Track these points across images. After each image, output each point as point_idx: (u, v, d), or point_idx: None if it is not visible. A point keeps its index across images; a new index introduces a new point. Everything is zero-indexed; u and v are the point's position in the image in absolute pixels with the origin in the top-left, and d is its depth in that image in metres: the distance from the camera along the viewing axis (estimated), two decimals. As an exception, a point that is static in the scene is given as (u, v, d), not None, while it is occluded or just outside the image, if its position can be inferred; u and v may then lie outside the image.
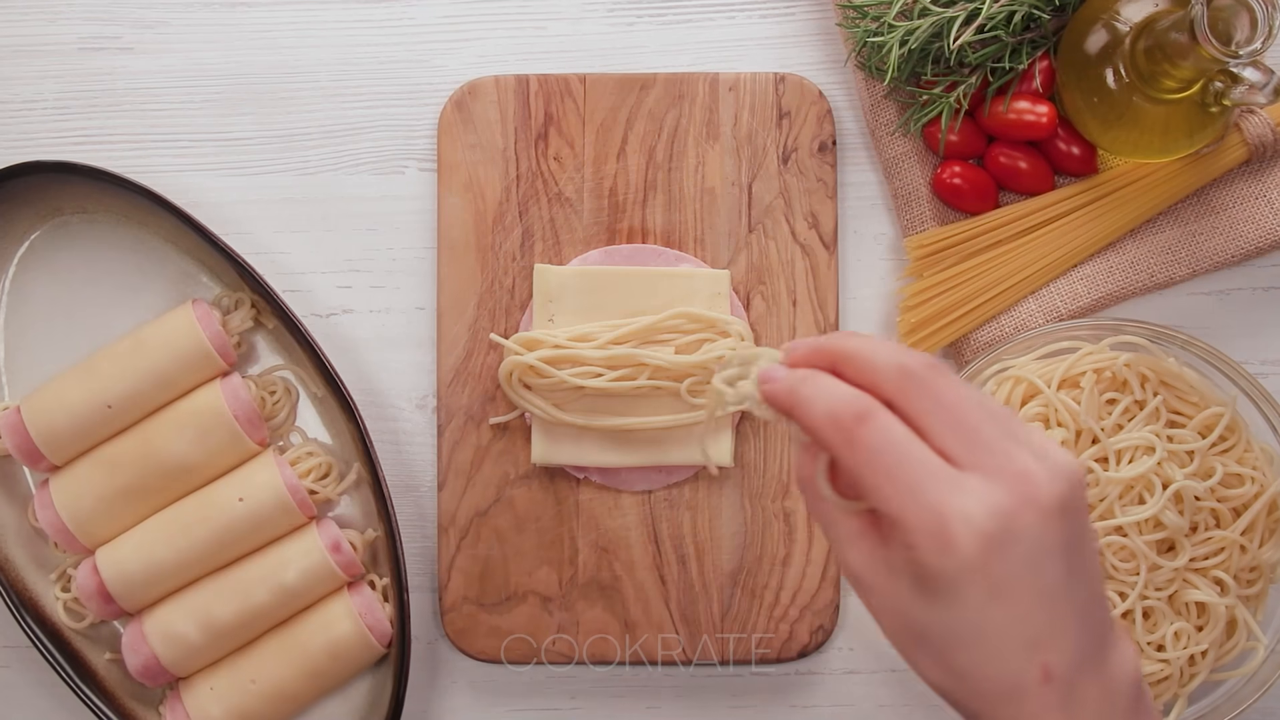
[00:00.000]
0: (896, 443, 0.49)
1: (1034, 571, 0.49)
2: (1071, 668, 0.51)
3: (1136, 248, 0.88)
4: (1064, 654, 0.50)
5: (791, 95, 0.88)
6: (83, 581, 0.85)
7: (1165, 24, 0.78)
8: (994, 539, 0.48)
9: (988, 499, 0.48)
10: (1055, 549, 0.50)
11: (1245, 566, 0.83)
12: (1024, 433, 0.51)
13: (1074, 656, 0.51)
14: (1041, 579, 0.50)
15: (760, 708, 0.90)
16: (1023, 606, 0.50)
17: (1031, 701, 0.50)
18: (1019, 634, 0.50)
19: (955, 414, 0.50)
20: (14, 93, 0.91)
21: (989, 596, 0.49)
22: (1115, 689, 0.52)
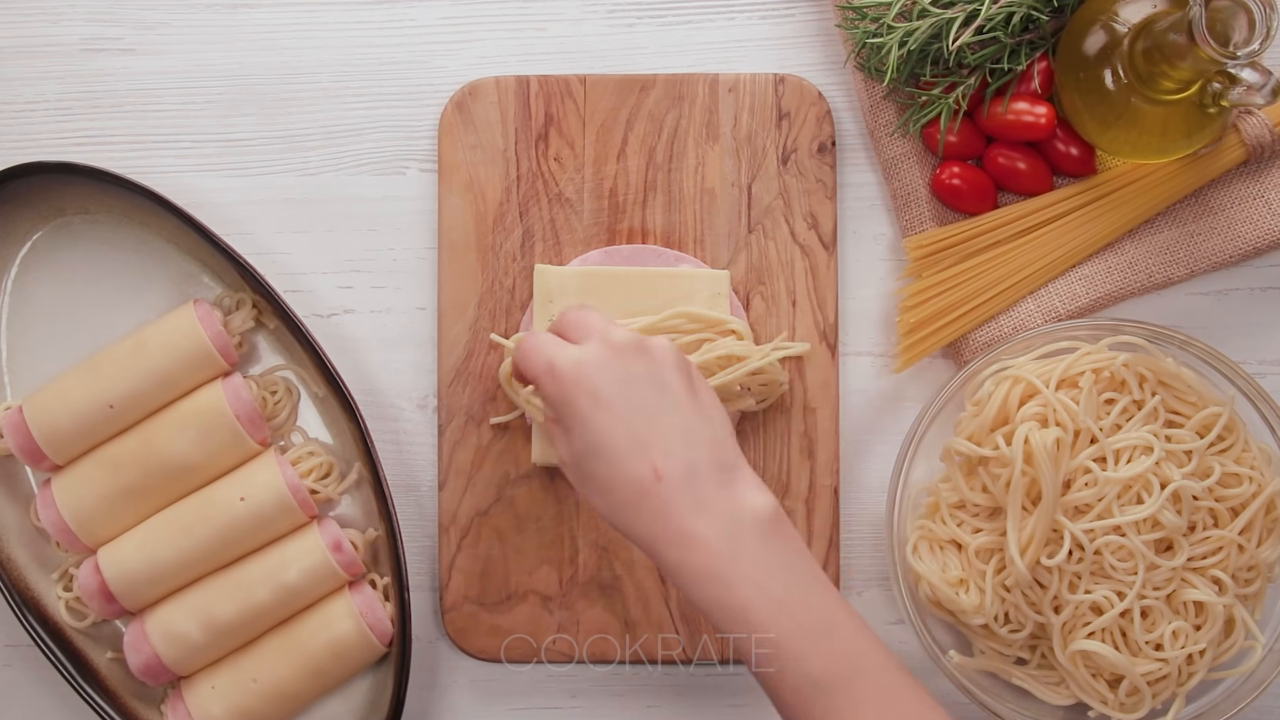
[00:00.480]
0: (531, 337, 0.71)
1: (623, 388, 0.66)
2: (683, 473, 0.65)
3: (1135, 248, 0.88)
4: (673, 460, 0.65)
5: (791, 96, 0.88)
6: (85, 581, 0.86)
7: (1163, 25, 0.78)
8: (583, 362, 0.67)
9: (578, 349, 0.68)
10: (637, 376, 0.66)
11: (1243, 566, 0.83)
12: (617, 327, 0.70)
13: (684, 465, 0.65)
14: (630, 395, 0.66)
15: (759, 706, 0.90)
16: (620, 414, 0.65)
17: (653, 497, 0.64)
18: (625, 438, 0.65)
19: (574, 321, 0.71)
20: (16, 93, 0.91)
21: (593, 405, 0.66)
22: (742, 507, 0.65)
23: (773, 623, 0.64)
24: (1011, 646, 0.85)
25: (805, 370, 0.88)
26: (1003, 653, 0.85)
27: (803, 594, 0.65)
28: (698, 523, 0.65)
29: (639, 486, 0.65)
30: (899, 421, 0.90)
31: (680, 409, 0.67)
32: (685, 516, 0.65)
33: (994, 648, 0.85)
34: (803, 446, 0.88)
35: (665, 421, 0.66)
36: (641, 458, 0.65)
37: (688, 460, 0.65)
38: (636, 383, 0.67)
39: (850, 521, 0.90)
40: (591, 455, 0.66)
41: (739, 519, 0.65)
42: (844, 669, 0.64)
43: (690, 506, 0.65)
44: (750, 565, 0.65)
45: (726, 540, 0.65)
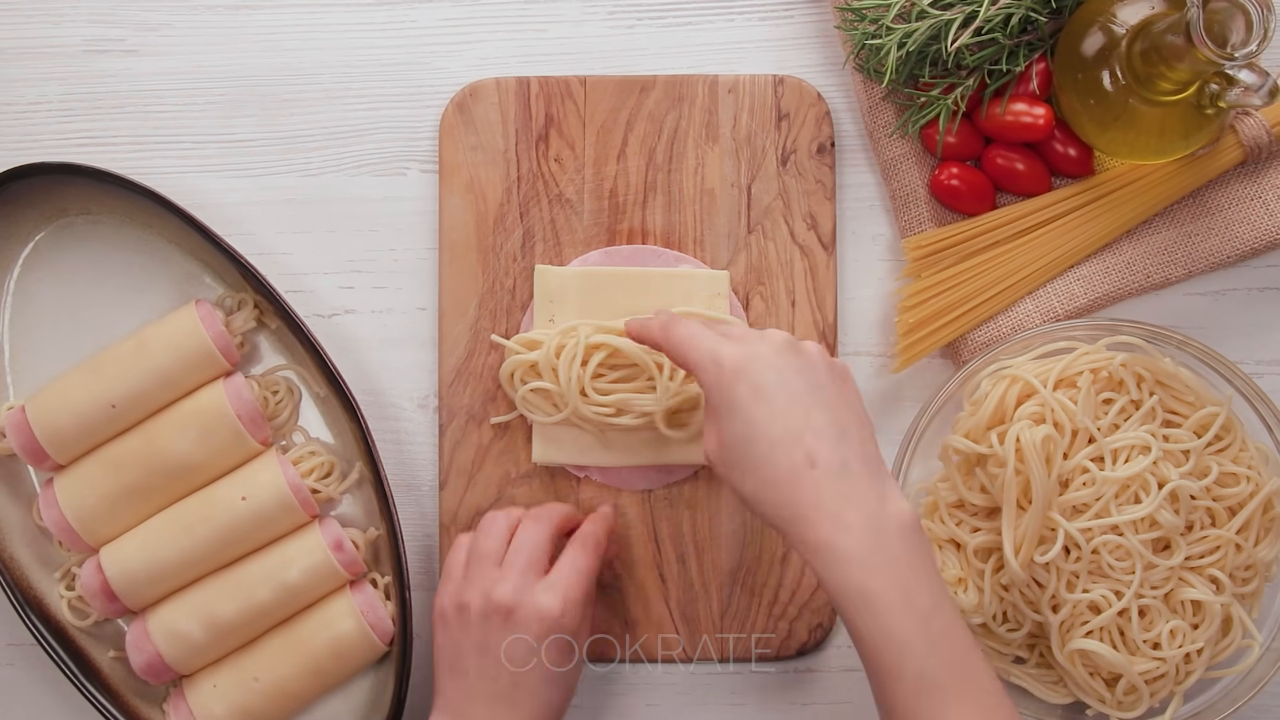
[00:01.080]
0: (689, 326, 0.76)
1: (782, 383, 0.71)
2: (837, 464, 0.69)
3: (1133, 248, 0.89)
4: (824, 447, 0.69)
5: (790, 97, 0.89)
6: (87, 580, 0.86)
7: (1161, 26, 0.78)
8: (745, 357, 0.72)
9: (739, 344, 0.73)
10: (792, 370, 0.71)
11: (1240, 565, 0.84)
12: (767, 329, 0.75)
13: (838, 457, 0.69)
14: (789, 389, 0.71)
15: (760, 705, 0.90)
16: (779, 406, 0.70)
17: (806, 481, 0.69)
18: (783, 427, 0.70)
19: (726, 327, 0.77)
20: (19, 94, 0.91)
21: (753, 396, 0.71)
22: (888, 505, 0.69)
23: (903, 616, 0.67)
24: (1010, 645, 0.85)
25: (804, 370, 0.88)
26: (1001, 651, 0.86)
27: (930, 596, 0.68)
28: (847, 510, 0.68)
29: (793, 470, 0.69)
30: (898, 421, 0.90)
31: (833, 406, 0.71)
32: (836, 501, 0.68)
33: (992, 646, 0.86)
34: (802, 446, 0.88)
35: (820, 415, 0.70)
36: (797, 445, 0.69)
37: (840, 453, 0.70)
38: (794, 379, 0.71)
39: (849, 521, 0.90)
40: (746, 441, 0.70)
41: (885, 514, 0.69)
42: (956, 672, 0.68)
43: (841, 494, 0.69)
44: (889, 559, 0.68)
45: (872, 531, 0.68)
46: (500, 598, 0.77)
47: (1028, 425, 0.81)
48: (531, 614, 0.77)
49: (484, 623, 0.77)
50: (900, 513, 0.70)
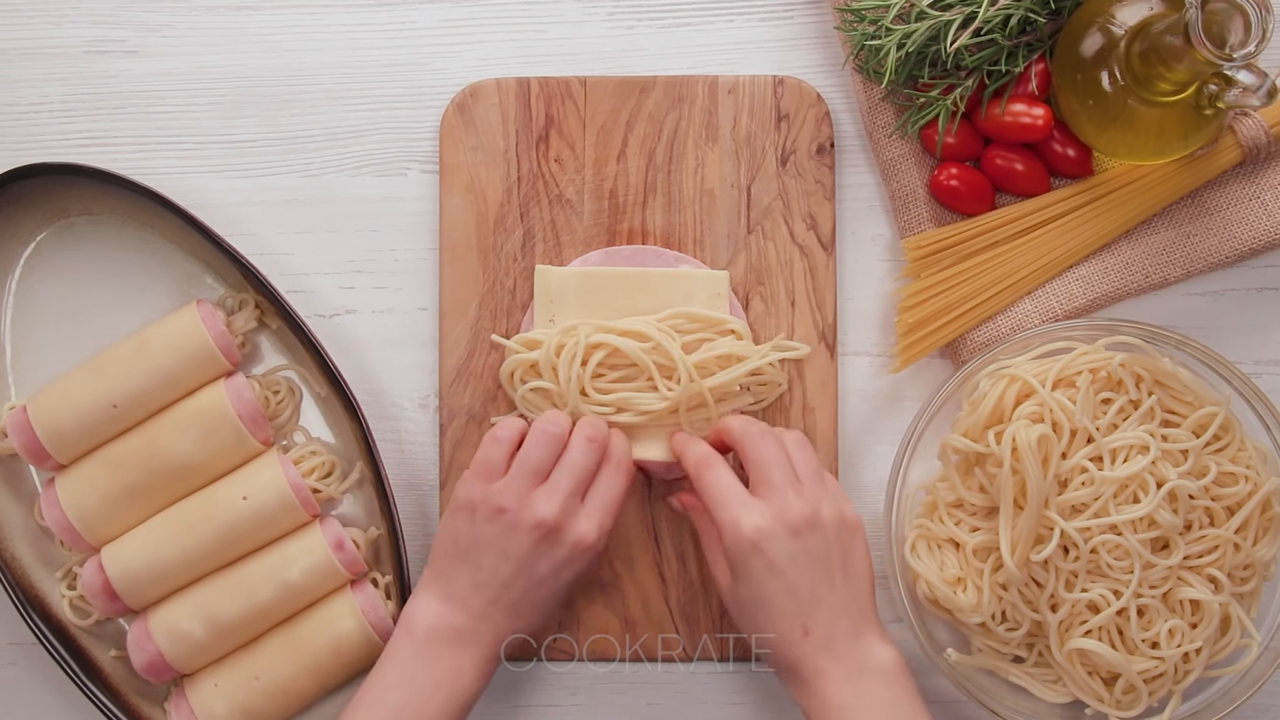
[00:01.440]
0: (720, 480, 0.81)
1: (793, 563, 0.78)
2: (825, 636, 0.78)
3: (1131, 249, 0.89)
4: (819, 622, 0.78)
5: (790, 98, 0.89)
6: (88, 579, 0.86)
7: (1160, 27, 0.78)
8: (763, 531, 0.78)
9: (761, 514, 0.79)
10: (803, 551, 0.78)
11: (1239, 564, 0.84)
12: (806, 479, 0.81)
13: (828, 631, 0.78)
14: (798, 569, 0.78)
15: (759, 704, 0.90)
16: (787, 584, 0.78)
17: (797, 644, 0.78)
18: (786, 604, 0.78)
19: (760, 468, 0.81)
20: (20, 95, 0.91)
21: (766, 571, 0.78)
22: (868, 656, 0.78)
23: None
24: (1009, 645, 0.85)
25: (804, 370, 0.89)
26: (1000, 651, 0.86)
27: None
28: (831, 664, 0.78)
29: (788, 635, 0.78)
30: (897, 421, 0.90)
31: (835, 587, 0.79)
32: (821, 658, 0.78)
33: (991, 646, 0.86)
34: (802, 446, 0.88)
35: (821, 597, 0.78)
36: (795, 619, 0.78)
37: (831, 630, 0.78)
38: (804, 560, 0.78)
39: (849, 520, 0.90)
40: (753, 604, 0.79)
41: (865, 663, 0.78)
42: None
43: (826, 655, 0.78)
44: (866, 699, 0.77)
45: (851, 680, 0.77)
46: (545, 517, 0.79)
47: (1024, 425, 0.81)
48: (570, 538, 0.80)
49: (517, 533, 0.79)
50: (880, 658, 0.78)
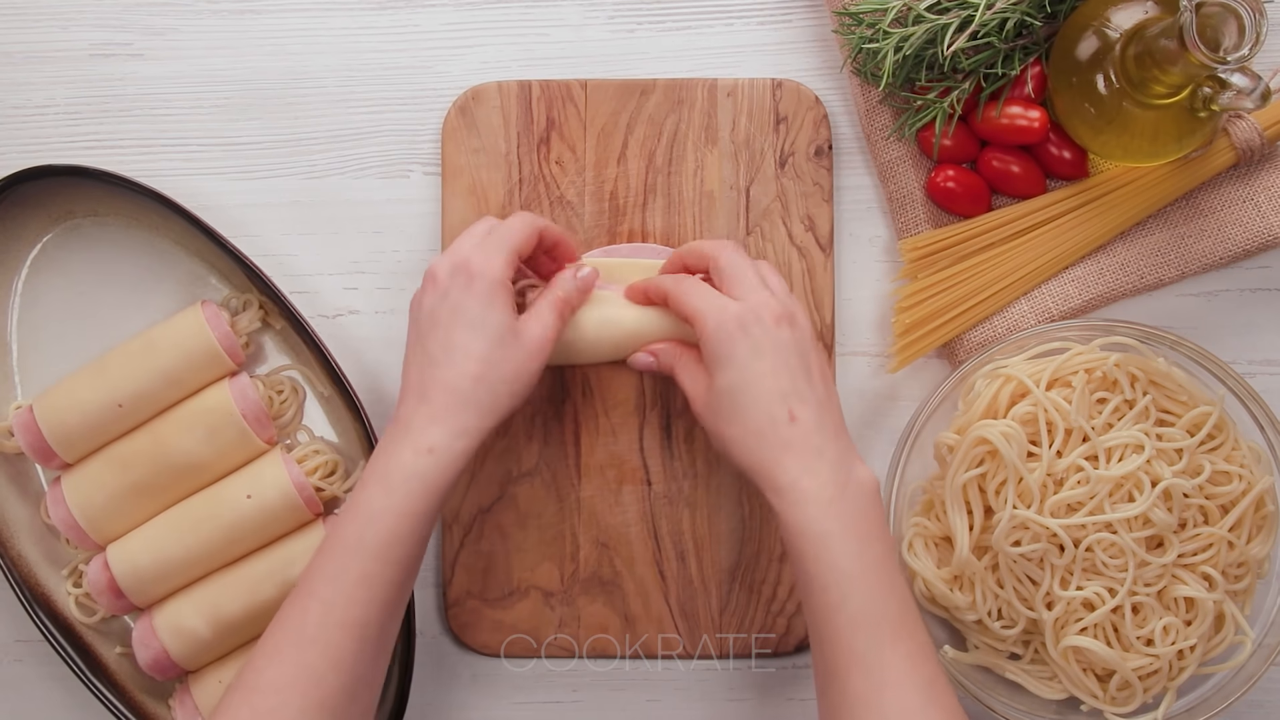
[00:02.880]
0: (699, 286, 0.80)
1: (777, 347, 0.76)
2: (815, 423, 0.75)
3: (1126, 250, 0.89)
4: (807, 411, 0.76)
5: (788, 101, 0.90)
6: (94, 577, 0.87)
7: (1155, 31, 0.79)
8: (747, 315, 0.77)
9: (741, 305, 0.77)
10: (788, 341, 0.77)
11: (1233, 562, 0.84)
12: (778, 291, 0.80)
13: (816, 418, 0.76)
14: (781, 354, 0.76)
15: (758, 700, 0.91)
16: (772, 366, 0.76)
17: (784, 433, 0.75)
18: (773, 385, 0.76)
19: (733, 271, 0.79)
20: (27, 98, 0.92)
21: (751, 353, 0.76)
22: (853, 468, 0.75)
23: (855, 559, 0.73)
24: (1005, 642, 0.86)
25: (803, 370, 0.89)
26: (996, 648, 0.86)
27: (881, 552, 0.74)
28: (818, 462, 0.75)
29: (774, 422, 0.75)
30: (895, 420, 0.91)
31: (814, 379, 0.77)
32: (809, 454, 0.75)
33: (988, 643, 0.86)
34: (800, 445, 0.89)
35: (804, 383, 0.77)
36: (782, 402, 0.75)
37: (819, 418, 0.76)
38: (787, 346, 0.77)
39: (847, 519, 0.91)
40: (737, 391, 0.76)
41: (850, 474, 0.75)
42: (895, 618, 0.72)
43: (814, 448, 0.75)
44: (849, 509, 0.74)
45: (837, 484, 0.74)
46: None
47: (988, 423, 0.82)
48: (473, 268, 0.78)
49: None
50: (864, 478, 0.76)
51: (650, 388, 0.89)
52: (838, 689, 0.72)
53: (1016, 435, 0.82)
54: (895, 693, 0.70)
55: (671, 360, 0.83)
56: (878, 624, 0.71)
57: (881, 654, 0.71)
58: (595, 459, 0.89)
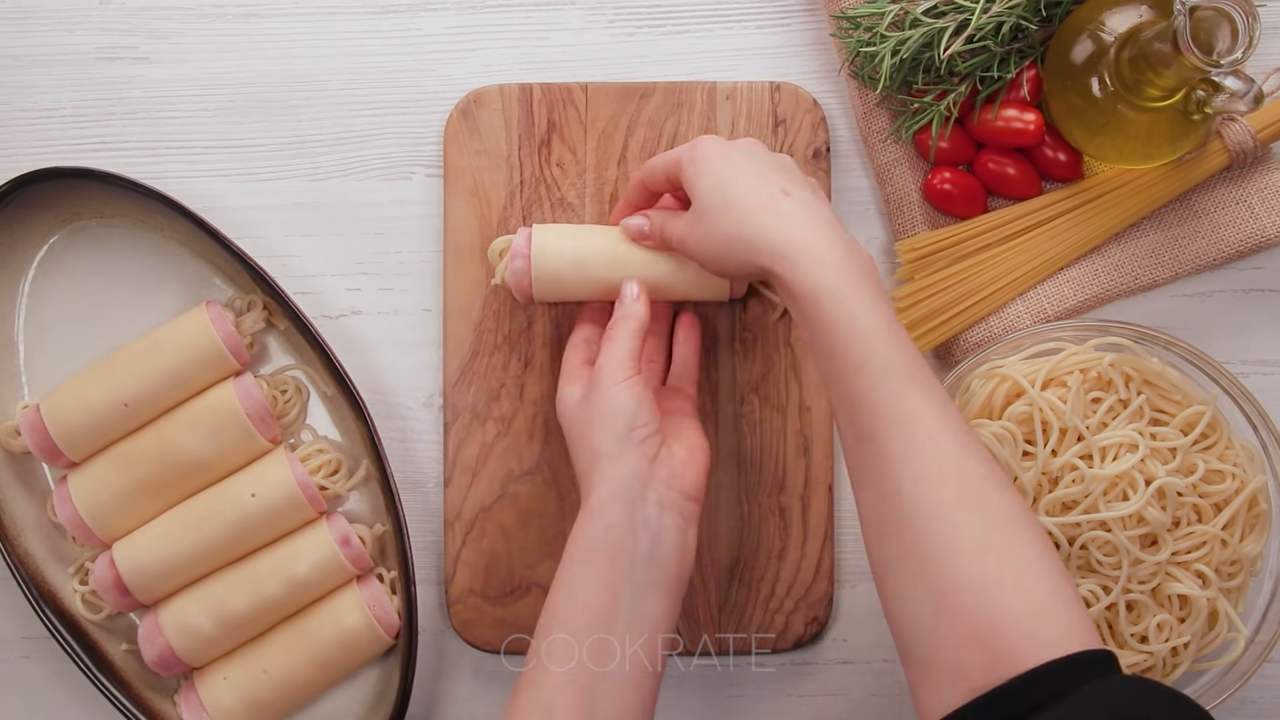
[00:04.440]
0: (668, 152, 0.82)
1: (752, 151, 0.78)
2: (808, 197, 0.76)
3: (1121, 251, 0.90)
4: (797, 190, 0.76)
5: (787, 103, 0.90)
6: (100, 575, 0.87)
7: (1149, 34, 0.79)
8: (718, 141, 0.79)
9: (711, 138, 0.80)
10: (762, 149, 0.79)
11: (1226, 560, 0.84)
12: None
13: (808, 197, 0.76)
14: (759, 155, 0.78)
15: (757, 697, 0.91)
16: (754, 164, 0.77)
17: (782, 206, 0.75)
18: (758, 172, 0.77)
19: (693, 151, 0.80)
20: (34, 101, 0.92)
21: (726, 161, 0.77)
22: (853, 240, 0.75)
23: (872, 313, 0.71)
24: (1001, 638, 0.86)
25: (801, 370, 0.90)
26: (992, 645, 0.87)
27: (886, 306, 0.73)
28: (824, 229, 0.74)
29: (769, 199, 0.75)
30: (892, 420, 0.91)
31: (797, 175, 0.78)
32: (811, 220, 0.74)
33: (984, 640, 0.87)
34: (799, 445, 0.90)
35: (788, 174, 0.78)
36: (771, 184, 0.76)
37: (812, 197, 0.76)
38: (763, 151, 0.79)
39: (844, 517, 0.91)
40: (725, 185, 0.76)
41: (850, 243, 0.75)
42: (916, 369, 0.71)
43: (814, 219, 0.74)
44: (859, 269, 0.73)
45: (843, 249, 0.73)
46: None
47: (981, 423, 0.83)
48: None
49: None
50: (862, 248, 0.75)
51: (650, 387, 0.90)
52: (873, 449, 0.69)
53: (1010, 436, 0.83)
54: (932, 444, 0.68)
55: (661, 219, 0.82)
56: (903, 377, 0.70)
57: (913, 406, 0.69)
58: (595, 458, 0.90)
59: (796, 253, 0.73)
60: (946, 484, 0.67)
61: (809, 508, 0.89)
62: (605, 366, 0.78)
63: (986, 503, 0.67)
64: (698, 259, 0.79)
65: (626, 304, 0.81)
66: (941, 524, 0.66)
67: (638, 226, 0.83)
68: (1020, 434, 0.84)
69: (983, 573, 0.65)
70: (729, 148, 0.79)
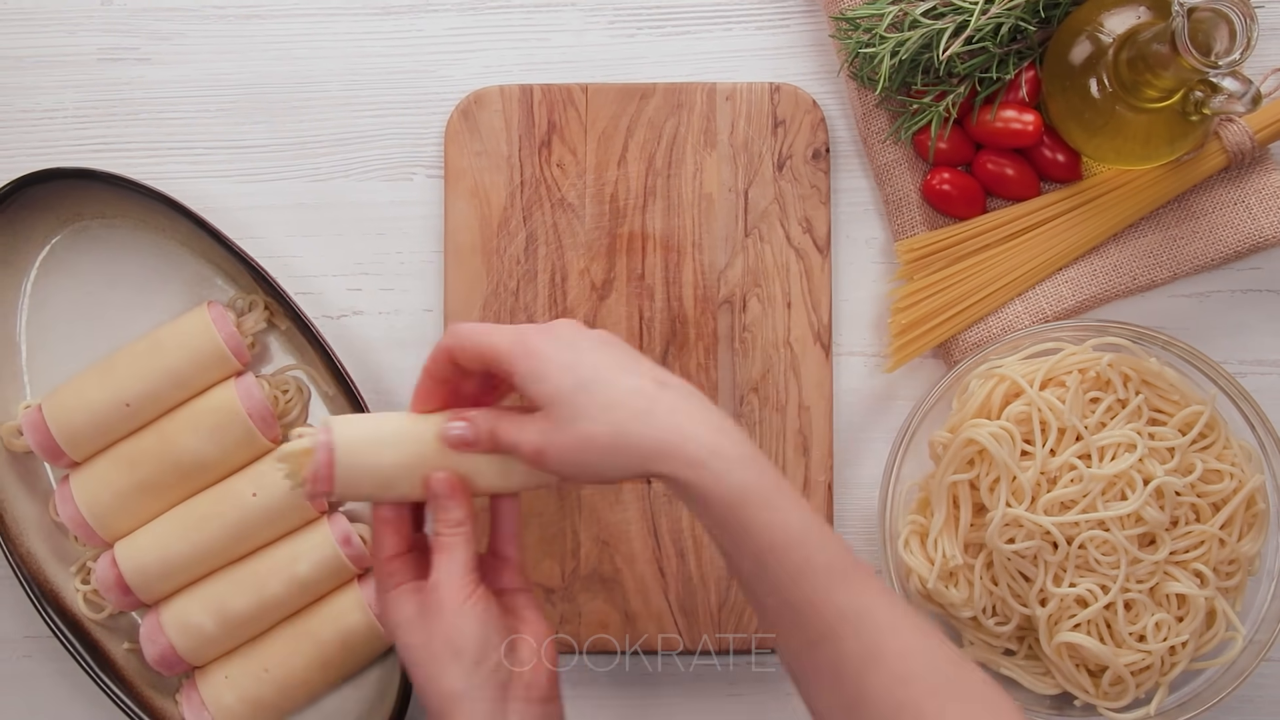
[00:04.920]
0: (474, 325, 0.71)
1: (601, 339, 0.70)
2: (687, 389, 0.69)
3: (1119, 251, 0.90)
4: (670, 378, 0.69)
5: (786, 104, 0.91)
6: (102, 574, 0.87)
7: (1147, 35, 0.80)
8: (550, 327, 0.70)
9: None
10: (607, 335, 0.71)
11: (1224, 559, 0.85)
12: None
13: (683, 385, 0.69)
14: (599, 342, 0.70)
15: (756, 695, 0.92)
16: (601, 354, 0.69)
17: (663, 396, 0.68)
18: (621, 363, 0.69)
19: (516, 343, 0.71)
20: (36, 102, 0.93)
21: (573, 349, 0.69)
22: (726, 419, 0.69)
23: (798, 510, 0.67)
24: (999, 638, 0.86)
25: (800, 370, 0.90)
26: (991, 644, 0.87)
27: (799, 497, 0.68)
28: (719, 420, 0.68)
29: (649, 395, 0.68)
30: (891, 419, 0.91)
31: (658, 367, 0.71)
32: (700, 415, 0.68)
33: (982, 639, 0.87)
34: (798, 444, 0.90)
35: (648, 365, 0.71)
36: (641, 377, 0.69)
37: (682, 384, 0.70)
38: (609, 337, 0.72)
39: (844, 516, 0.92)
40: (587, 383, 0.68)
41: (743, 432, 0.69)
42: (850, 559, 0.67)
43: (699, 408, 0.68)
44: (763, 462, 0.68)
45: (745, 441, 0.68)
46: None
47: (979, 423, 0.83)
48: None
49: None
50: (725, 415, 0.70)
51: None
52: (829, 652, 0.66)
53: (1009, 435, 0.83)
54: (896, 639, 0.65)
55: (491, 420, 0.71)
56: (847, 572, 0.66)
57: (865, 602, 0.65)
58: (596, 457, 0.90)
59: (706, 454, 0.66)
60: (923, 677, 0.65)
61: (808, 507, 0.90)
62: (444, 586, 0.70)
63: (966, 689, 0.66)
64: (560, 472, 0.69)
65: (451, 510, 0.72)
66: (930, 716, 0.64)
67: (459, 436, 0.72)
68: (1019, 433, 0.84)
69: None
70: (574, 335, 0.70)
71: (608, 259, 0.90)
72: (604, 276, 0.90)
